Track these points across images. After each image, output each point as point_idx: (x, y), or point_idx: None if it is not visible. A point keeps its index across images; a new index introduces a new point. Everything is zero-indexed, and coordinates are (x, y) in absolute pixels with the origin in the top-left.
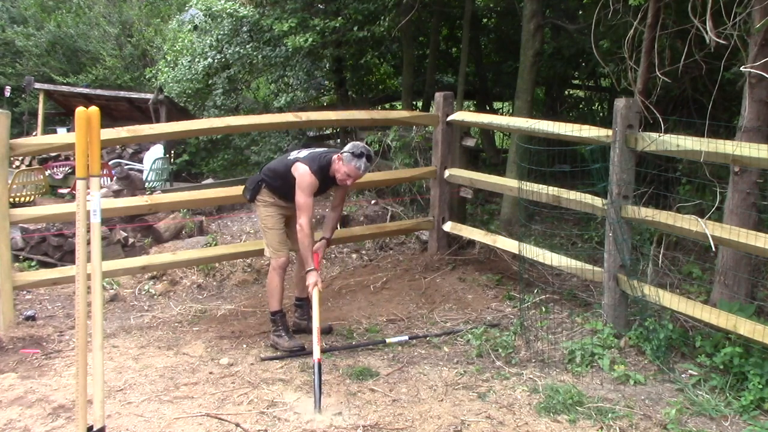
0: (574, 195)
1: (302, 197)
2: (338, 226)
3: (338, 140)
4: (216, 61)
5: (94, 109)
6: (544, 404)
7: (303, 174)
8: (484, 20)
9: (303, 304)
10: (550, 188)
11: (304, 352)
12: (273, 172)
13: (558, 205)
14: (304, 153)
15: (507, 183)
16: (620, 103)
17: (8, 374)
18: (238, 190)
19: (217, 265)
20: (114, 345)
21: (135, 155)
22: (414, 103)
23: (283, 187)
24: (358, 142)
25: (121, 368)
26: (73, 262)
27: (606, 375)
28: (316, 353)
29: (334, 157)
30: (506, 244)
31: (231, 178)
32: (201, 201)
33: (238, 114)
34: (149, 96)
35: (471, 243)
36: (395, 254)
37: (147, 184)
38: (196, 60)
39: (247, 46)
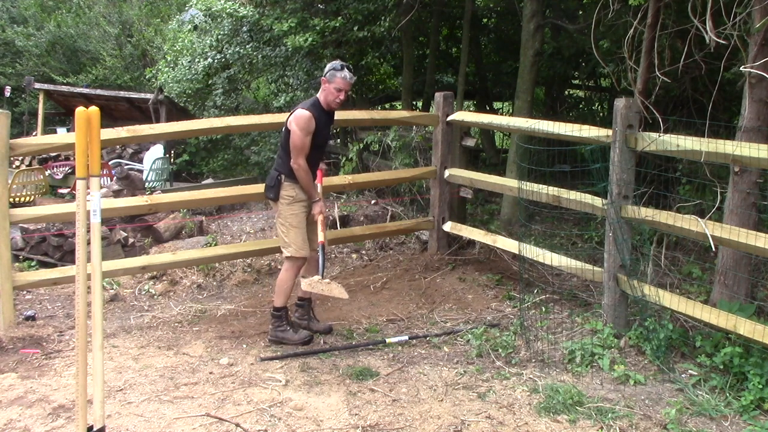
0: (574, 195)
1: (298, 137)
2: (338, 225)
3: (338, 140)
4: (216, 61)
5: (94, 109)
6: (544, 404)
7: (298, 115)
8: (484, 20)
9: (304, 304)
10: (550, 188)
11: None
12: (281, 155)
13: (558, 205)
14: None
15: (507, 183)
16: (620, 103)
17: (8, 374)
18: (238, 190)
19: (217, 265)
20: (114, 345)
21: (135, 155)
22: (414, 103)
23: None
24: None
25: (121, 368)
26: (73, 262)
27: (606, 375)
28: (321, 237)
29: (323, 87)
30: (506, 244)
31: (231, 178)
32: (201, 201)
33: (238, 114)
34: (149, 96)
35: (471, 243)
36: (395, 254)
37: (147, 184)
38: (196, 60)
39: (247, 46)
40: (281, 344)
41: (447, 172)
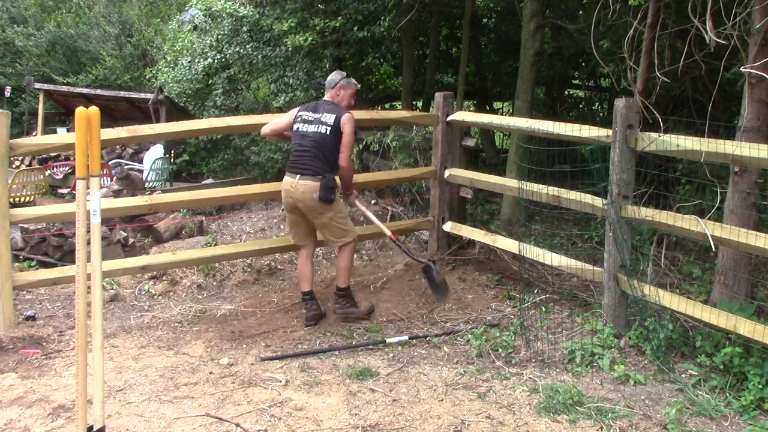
0: (574, 195)
1: (352, 137)
2: None
3: None
4: (216, 61)
5: (94, 109)
6: (544, 404)
7: (351, 117)
8: (484, 20)
9: (310, 296)
10: (550, 188)
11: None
12: (324, 156)
13: (558, 205)
14: (314, 116)
15: (507, 183)
16: (620, 103)
17: (8, 374)
18: (238, 190)
19: (217, 265)
20: (114, 345)
21: (135, 155)
22: (414, 103)
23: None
24: (333, 73)
25: (121, 368)
26: (73, 262)
27: (606, 375)
28: (388, 232)
29: (338, 93)
30: (506, 244)
31: (231, 178)
32: (201, 201)
33: (238, 114)
34: (149, 96)
35: (471, 243)
36: (395, 254)
37: (147, 184)
38: (196, 60)
39: (247, 46)
40: (348, 320)
41: (447, 172)
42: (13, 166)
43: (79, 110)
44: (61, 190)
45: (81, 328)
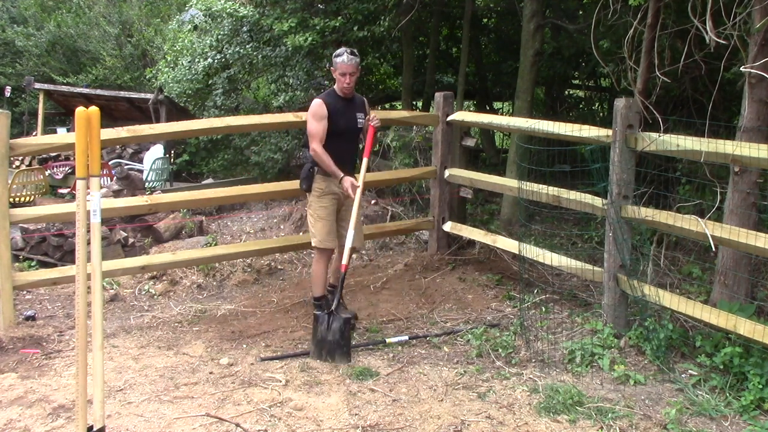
0: (574, 195)
1: (309, 123)
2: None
3: None
4: (216, 61)
5: (94, 109)
6: (544, 404)
7: (313, 105)
8: (484, 20)
9: (333, 291)
10: (550, 188)
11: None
12: (308, 150)
13: (558, 205)
14: None
15: (507, 183)
16: (620, 103)
17: (8, 374)
18: (238, 190)
19: (217, 265)
20: (114, 345)
21: (135, 155)
22: (414, 103)
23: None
24: None
25: (121, 368)
26: (73, 262)
27: (606, 375)
28: (345, 259)
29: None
30: (506, 244)
31: (231, 178)
32: (201, 201)
33: (238, 114)
34: (149, 96)
35: (471, 243)
36: (395, 254)
37: (147, 184)
38: (196, 60)
39: (247, 46)
40: None
41: (447, 172)
42: (13, 166)
43: (79, 110)
44: (61, 190)
45: (81, 328)
